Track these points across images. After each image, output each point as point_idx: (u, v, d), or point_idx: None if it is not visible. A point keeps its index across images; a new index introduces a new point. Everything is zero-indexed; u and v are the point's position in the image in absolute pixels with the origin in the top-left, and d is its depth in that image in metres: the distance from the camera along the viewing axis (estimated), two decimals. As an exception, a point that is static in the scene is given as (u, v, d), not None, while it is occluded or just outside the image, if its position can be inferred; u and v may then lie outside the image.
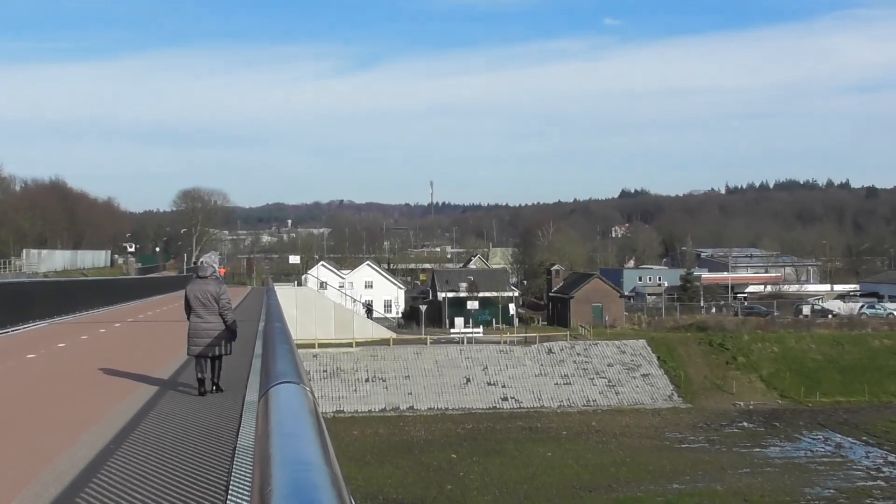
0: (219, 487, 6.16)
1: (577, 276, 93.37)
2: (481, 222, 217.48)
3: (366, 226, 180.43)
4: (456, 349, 68.95)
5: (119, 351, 17.55)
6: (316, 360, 65.60)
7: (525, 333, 74.84)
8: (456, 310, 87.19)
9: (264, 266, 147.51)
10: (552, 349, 69.95)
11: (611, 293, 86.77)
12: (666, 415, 62.67)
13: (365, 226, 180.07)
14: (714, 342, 72.99)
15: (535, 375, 66.76)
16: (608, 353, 70.02)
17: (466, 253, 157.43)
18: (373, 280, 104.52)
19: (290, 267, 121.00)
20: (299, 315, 66.20)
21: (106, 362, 14.80)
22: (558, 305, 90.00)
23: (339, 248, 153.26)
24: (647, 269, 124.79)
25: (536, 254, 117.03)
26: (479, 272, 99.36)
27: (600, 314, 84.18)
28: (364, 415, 61.03)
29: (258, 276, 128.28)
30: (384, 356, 67.07)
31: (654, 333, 76.80)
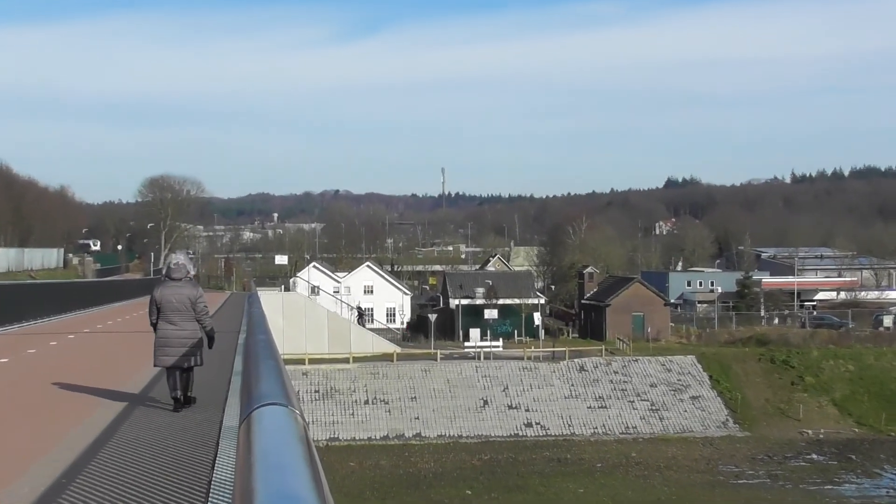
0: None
1: (614, 281, 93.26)
2: (501, 216, 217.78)
3: (365, 220, 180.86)
4: (471, 366, 68.95)
5: (75, 367, 17.57)
6: (306, 378, 65.71)
7: (553, 348, 74.75)
8: (471, 320, 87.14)
9: (245, 267, 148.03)
10: (585, 366, 69.87)
11: (654, 300, 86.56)
12: (719, 444, 62.47)
13: (364, 220, 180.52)
14: (777, 359, 72.77)
15: (564, 397, 66.67)
16: (651, 372, 69.90)
17: (484, 253, 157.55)
18: (373, 284, 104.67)
19: (275, 269, 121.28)
20: (287, 325, 66.23)
21: (60, 380, 14.82)
22: (592, 315, 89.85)
23: (334, 247, 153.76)
24: (698, 273, 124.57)
25: (566, 254, 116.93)
26: (498, 275, 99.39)
27: (641, 325, 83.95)
28: (363, 443, 61.07)
29: (238, 279, 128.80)
30: (386, 374, 67.13)
31: (705, 348, 76.53)
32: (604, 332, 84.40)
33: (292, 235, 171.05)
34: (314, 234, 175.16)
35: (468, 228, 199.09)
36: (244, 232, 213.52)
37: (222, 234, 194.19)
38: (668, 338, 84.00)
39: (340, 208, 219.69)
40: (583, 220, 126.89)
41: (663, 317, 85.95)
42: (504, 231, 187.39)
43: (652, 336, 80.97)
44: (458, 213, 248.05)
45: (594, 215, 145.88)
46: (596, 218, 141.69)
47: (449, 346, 79.07)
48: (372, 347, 72.28)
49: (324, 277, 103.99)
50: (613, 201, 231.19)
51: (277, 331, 54.85)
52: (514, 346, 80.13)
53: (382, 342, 74.42)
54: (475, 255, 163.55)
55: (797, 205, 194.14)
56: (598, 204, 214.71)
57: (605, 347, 74.94)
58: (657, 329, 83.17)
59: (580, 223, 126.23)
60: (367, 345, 72.26)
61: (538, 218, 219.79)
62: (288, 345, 62.19)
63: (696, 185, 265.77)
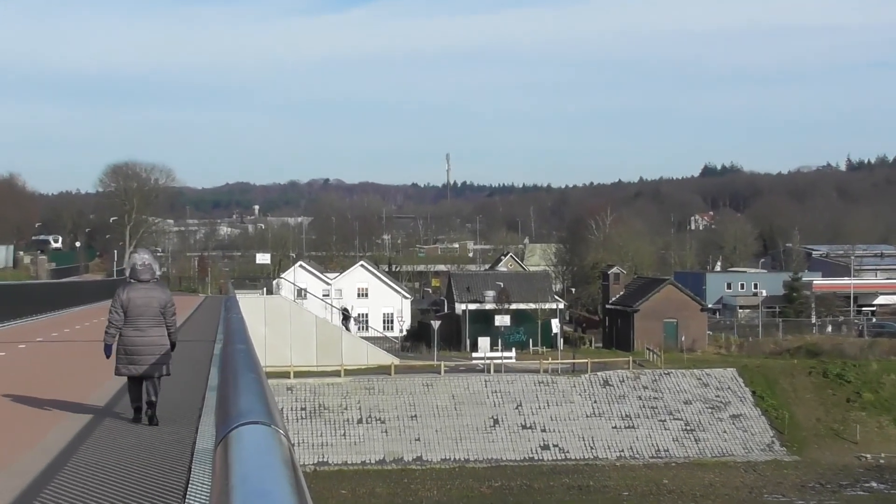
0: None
1: (643, 283, 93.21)
2: (514, 209, 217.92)
3: (359, 213, 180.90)
4: (479, 380, 68.95)
5: (25, 382, 17.58)
6: (291, 393, 65.77)
7: (573, 359, 74.73)
8: (480, 327, 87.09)
9: (222, 267, 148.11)
10: (609, 380, 69.85)
11: (689, 305, 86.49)
12: (764, 470, 62.41)
13: (358, 213, 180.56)
14: (830, 372, 72.66)
15: (585, 416, 66.65)
16: (685, 387, 69.85)
17: (494, 251, 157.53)
18: (368, 286, 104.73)
19: (257, 269, 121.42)
20: (269, 334, 66.26)
21: (7, 397, 14.82)
22: (618, 321, 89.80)
23: (324, 244, 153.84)
24: (739, 273, 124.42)
25: (588, 252, 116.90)
26: (511, 276, 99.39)
27: (675, 333, 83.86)
28: (356, 468, 61.08)
29: (214, 280, 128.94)
30: (383, 389, 67.15)
31: (747, 360, 76.43)
32: (631, 342, 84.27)
33: (276, 231, 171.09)
34: (300, 229, 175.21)
35: (476, 223, 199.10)
36: (221, 227, 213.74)
37: (195, 229, 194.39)
38: (705, 348, 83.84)
39: (330, 200, 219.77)
40: (607, 214, 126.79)
41: (699, 324, 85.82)
42: (517, 226, 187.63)
43: (686, 346, 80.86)
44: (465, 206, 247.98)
45: (620, 208, 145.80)
46: (622, 211, 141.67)
47: (454, 358, 78.95)
48: (366, 359, 72.27)
49: (312, 279, 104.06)
50: (643, 192, 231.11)
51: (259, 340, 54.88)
52: (528, 357, 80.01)
53: (378, 353, 74.42)
54: (484, 253, 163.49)
55: (853, 195, 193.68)
56: (624, 195, 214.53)
57: (632, 359, 74.90)
58: (692, 338, 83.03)
59: (604, 217, 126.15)
60: (360, 355, 72.26)
61: (556, 211, 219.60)
62: (270, 356, 62.17)
63: (737, 174, 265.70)
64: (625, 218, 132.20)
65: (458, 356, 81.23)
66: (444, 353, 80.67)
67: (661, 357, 75.00)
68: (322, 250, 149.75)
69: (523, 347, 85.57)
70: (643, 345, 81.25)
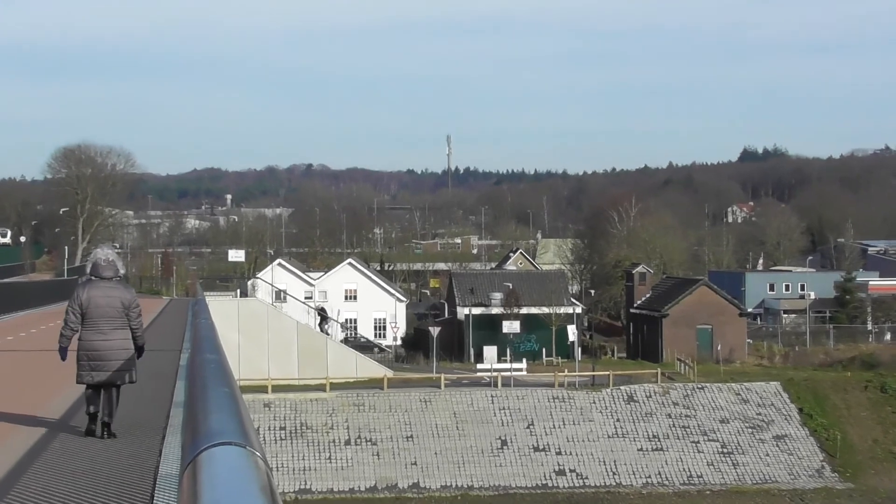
0: None
1: (673, 284, 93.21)
2: (524, 199, 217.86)
3: (347, 204, 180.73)
4: (485, 395, 68.95)
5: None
6: (269, 410, 65.77)
7: (593, 371, 74.76)
8: (486, 334, 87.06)
9: (190, 265, 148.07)
10: (634, 396, 69.85)
11: (726, 309, 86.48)
12: (812, 499, 62.36)
13: (346, 204, 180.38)
14: (889, 387, 72.61)
15: (607, 436, 66.66)
16: (722, 403, 69.84)
17: (502, 247, 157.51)
18: (357, 287, 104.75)
19: (229, 267, 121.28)
20: (244, 342, 66.24)
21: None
22: (644, 328, 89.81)
23: (306, 239, 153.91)
24: (784, 273, 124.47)
25: (610, 248, 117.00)
26: (521, 276, 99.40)
27: (709, 341, 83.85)
28: (343, 496, 61.06)
29: (180, 280, 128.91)
30: (374, 405, 67.18)
31: (793, 372, 76.40)
32: (659, 351, 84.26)
33: (251, 224, 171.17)
34: (279, 221, 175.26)
35: (481, 215, 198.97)
36: (188, 219, 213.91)
37: (159, 221, 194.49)
38: (745, 358, 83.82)
39: (314, 188, 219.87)
40: (632, 204, 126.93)
41: (738, 331, 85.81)
42: (528, 218, 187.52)
43: (723, 356, 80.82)
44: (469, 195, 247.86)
45: (647, 197, 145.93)
46: (649, 201, 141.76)
47: (456, 370, 78.91)
48: (356, 370, 72.25)
49: (292, 279, 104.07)
50: (672, 179, 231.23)
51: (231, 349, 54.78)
52: (541, 368, 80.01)
53: (369, 364, 74.42)
54: (490, 249, 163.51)
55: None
56: (652, 182, 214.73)
57: (660, 371, 74.83)
58: (730, 347, 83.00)
59: (628, 208, 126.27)
60: (349, 367, 72.26)
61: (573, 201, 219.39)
62: (245, 367, 62.12)
63: (781, 158, 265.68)
64: (652, 209, 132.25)
65: (460, 368, 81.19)
66: (444, 364, 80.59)
67: (694, 369, 74.95)
68: (304, 246, 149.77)
69: (535, 358, 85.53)
70: (673, 355, 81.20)
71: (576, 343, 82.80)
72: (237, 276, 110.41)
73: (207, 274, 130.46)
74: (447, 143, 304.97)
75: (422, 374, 75.10)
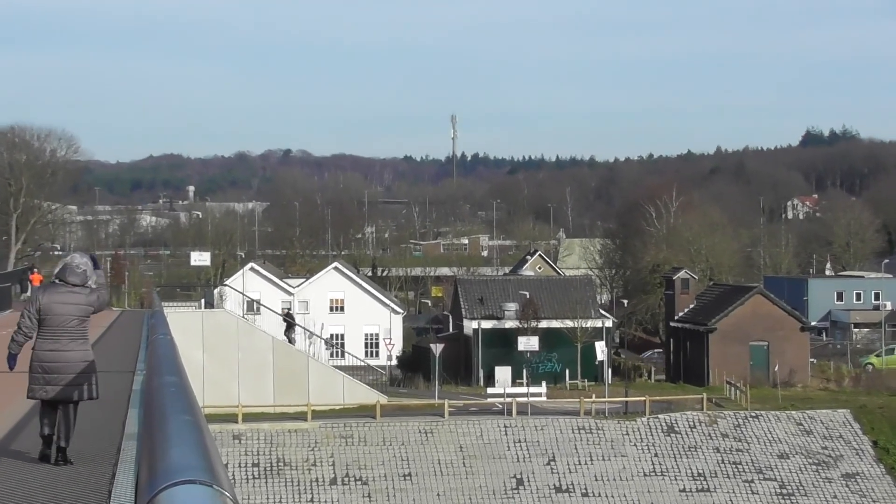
0: None
1: (721, 292, 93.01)
2: (545, 191, 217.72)
3: (332, 197, 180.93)
4: (497, 425, 68.88)
5: None
6: (240, 444, 65.73)
7: (625, 397, 74.68)
8: (498, 353, 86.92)
9: (145, 271, 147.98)
10: (675, 426, 69.76)
11: (785, 322, 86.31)
12: (888, 549, 62.23)
13: (331, 197, 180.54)
14: (980, 415, 72.46)
15: (643, 474, 66.58)
16: (780, 435, 69.74)
17: (517, 248, 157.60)
18: (344, 296, 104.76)
19: (192, 273, 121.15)
20: (210, 362, 66.13)
21: None
22: (686, 345, 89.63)
23: (284, 239, 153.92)
24: (854, 279, 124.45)
25: (647, 250, 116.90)
26: (540, 283, 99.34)
27: (765, 361, 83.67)
28: (327, 546, 60.97)
29: (134, 288, 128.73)
30: (365, 437, 67.11)
31: (866, 398, 76.22)
32: (705, 373, 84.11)
33: (218, 221, 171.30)
34: (252, 218, 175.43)
35: (492, 210, 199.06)
36: (142, 215, 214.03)
37: (108, 218, 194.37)
38: (808, 381, 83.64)
39: (293, 178, 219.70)
40: (672, 197, 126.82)
41: (799, 348, 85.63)
42: (549, 214, 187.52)
43: (781, 378, 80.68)
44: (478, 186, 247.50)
45: (690, 189, 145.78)
46: (693, 193, 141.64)
47: (463, 394, 78.80)
48: (343, 395, 72.13)
49: (267, 287, 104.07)
50: (721, 167, 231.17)
51: (195, 370, 54.61)
52: (564, 393, 79.88)
53: (358, 388, 74.28)
54: (504, 251, 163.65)
55: None
56: (696, 171, 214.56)
57: (706, 396, 74.75)
58: (790, 367, 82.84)
59: (668, 201, 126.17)
60: (334, 391, 72.11)
61: (602, 194, 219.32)
62: (212, 392, 62.06)
63: (851, 142, 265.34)
64: (696, 203, 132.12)
65: (467, 392, 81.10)
66: (448, 388, 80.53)
67: (747, 394, 74.83)
68: (282, 248, 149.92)
69: (557, 381, 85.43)
70: (721, 377, 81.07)
71: (605, 363, 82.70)
72: (201, 283, 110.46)
73: (166, 281, 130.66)
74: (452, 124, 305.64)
75: (421, 400, 74.95)
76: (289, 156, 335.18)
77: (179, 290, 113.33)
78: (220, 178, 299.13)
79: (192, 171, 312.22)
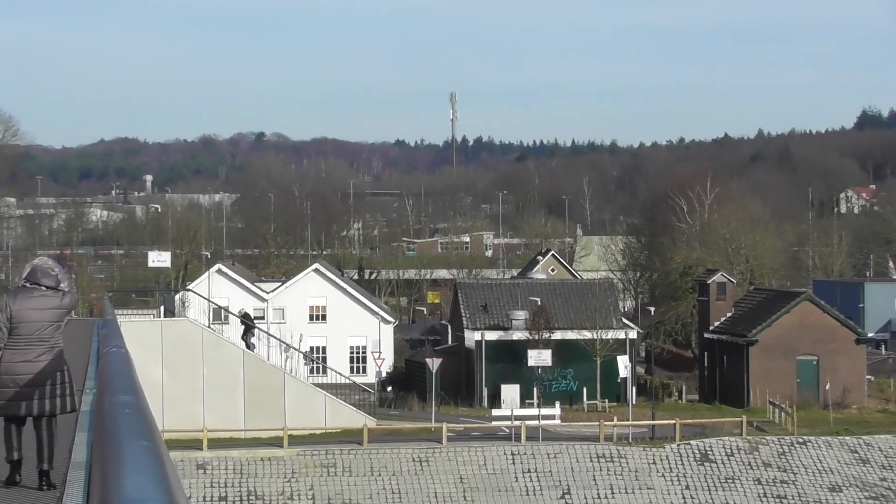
0: None
1: (764, 298, 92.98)
2: (558, 181, 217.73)
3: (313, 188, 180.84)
4: (504, 452, 68.95)
5: None
6: (205, 474, 65.74)
7: (652, 420, 74.74)
8: (504, 368, 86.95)
9: (95, 273, 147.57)
10: (710, 453, 69.83)
11: (837, 333, 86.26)
12: None
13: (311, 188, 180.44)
14: None
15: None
16: (831, 464, 69.81)
17: (527, 247, 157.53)
18: (326, 303, 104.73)
19: (150, 275, 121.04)
20: (171, 380, 66.15)
21: None
22: (723, 360, 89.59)
23: (256, 237, 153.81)
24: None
25: (677, 249, 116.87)
26: (553, 288, 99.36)
27: (814, 378, 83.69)
28: (306, 593, 61.00)
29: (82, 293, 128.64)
30: (350, 466, 67.17)
31: (933, 422, 76.38)
32: (745, 392, 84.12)
33: (180, 215, 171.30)
34: (220, 212, 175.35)
35: (498, 203, 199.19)
36: (92, 208, 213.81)
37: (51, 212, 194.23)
38: (864, 402, 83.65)
39: (266, 166, 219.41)
40: (707, 188, 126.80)
41: (855, 363, 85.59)
42: (563, 207, 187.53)
43: (833, 399, 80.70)
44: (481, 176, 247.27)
45: (727, 178, 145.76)
46: (731, 183, 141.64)
47: (464, 416, 78.87)
48: (324, 418, 72.14)
49: (237, 291, 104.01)
50: (763, 153, 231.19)
51: (154, 388, 54.49)
52: (580, 416, 79.92)
53: (343, 409, 74.29)
54: (511, 250, 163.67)
55: None
56: (735, 158, 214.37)
57: (746, 419, 74.86)
58: (843, 385, 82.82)
59: (702, 193, 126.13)
60: (314, 413, 72.12)
61: (625, 184, 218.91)
62: (173, 414, 62.10)
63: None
64: (734, 195, 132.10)
65: (469, 414, 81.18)
66: (446, 409, 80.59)
67: (793, 417, 74.91)
68: (254, 246, 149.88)
69: (573, 401, 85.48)
70: (764, 397, 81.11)
71: (629, 380, 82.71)
72: (160, 287, 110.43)
73: (119, 285, 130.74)
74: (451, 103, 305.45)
75: (416, 424, 75.00)
76: (262, 140, 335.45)
77: (135, 295, 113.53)
78: (183, 165, 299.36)
79: (150, 158, 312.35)
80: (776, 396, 79.59)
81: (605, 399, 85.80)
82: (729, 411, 79.63)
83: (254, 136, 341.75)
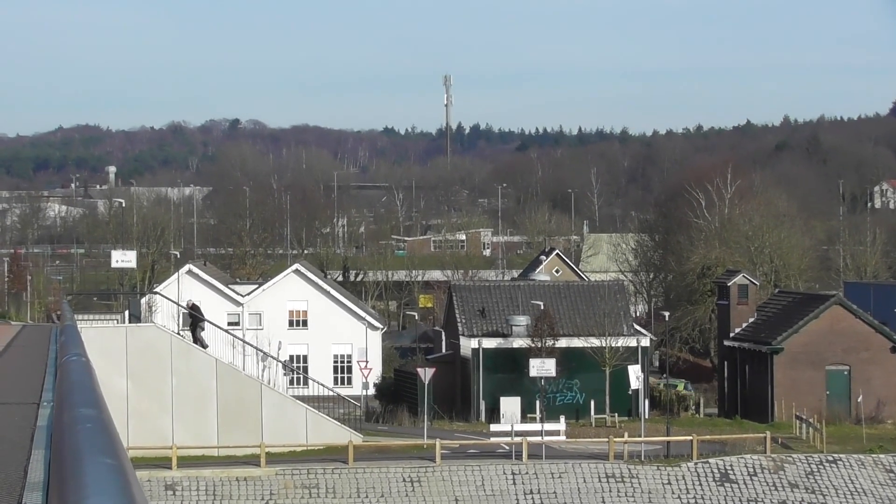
0: None
1: (790, 302, 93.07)
2: (562, 173, 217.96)
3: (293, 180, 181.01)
4: (503, 471, 69.04)
5: None
6: (175, 495, 65.80)
7: (667, 436, 74.83)
8: (504, 379, 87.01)
9: (53, 274, 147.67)
10: (731, 472, 69.93)
11: (871, 341, 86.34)
12: None
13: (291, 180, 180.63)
14: None
15: (690, 535, 66.76)
16: (865, 484, 69.88)
17: (529, 245, 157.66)
18: (307, 307, 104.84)
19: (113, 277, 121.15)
20: (136, 392, 66.21)
21: None
22: (745, 370, 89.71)
23: (230, 234, 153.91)
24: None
25: (694, 248, 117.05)
26: (557, 290, 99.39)
27: (846, 390, 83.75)
28: None
29: (38, 297, 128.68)
30: (334, 487, 67.26)
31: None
32: (769, 406, 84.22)
33: (146, 211, 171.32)
34: (191, 207, 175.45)
35: (497, 196, 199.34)
36: (50, 203, 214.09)
37: (4, 206, 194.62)
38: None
39: (241, 156, 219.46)
40: (727, 181, 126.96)
41: (890, 374, 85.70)
42: (569, 201, 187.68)
43: (867, 413, 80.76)
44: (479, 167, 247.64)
45: (750, 170, 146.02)
46: (754, 175, 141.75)
47: (459, 432, 78.93)
48: (305, 434, 72.23)
49: (210, 294, 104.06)
50: (790, 143, 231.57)
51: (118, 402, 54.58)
52: (588, 431, 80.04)
53: (326, 424, 74.41)
54: (511, 248, 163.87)
55: None
56: (758, 148, 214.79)
57: (770, 435, 74.95)
58: (877, 398, 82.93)
59: (721, 186, 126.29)
60: (295, 429, 72.23)
61: (637, 176, 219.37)
62: (139, 430, 62.21)
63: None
64: (758, 188, 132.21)
65: (465, 430, 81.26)
66: (440, 424, 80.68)
67: (822, 432, 74.99)
68: (228, 245, 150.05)
69: (580, 415, 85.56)
70: (790, 410, 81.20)
71: (641, 392, 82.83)
72: (125, 290, 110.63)
73: (80, 287, 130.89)
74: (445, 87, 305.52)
75: (406, 440, 75.09)
76: (236, 128, 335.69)
77: (97, 299, 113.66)
78: (149, 155, 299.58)
79: (113, 147, 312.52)
80: (803, 410, 79.63)
81: (614, 413, 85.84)
82: (751, 426, 79.72)
83: (227, 124, 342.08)
